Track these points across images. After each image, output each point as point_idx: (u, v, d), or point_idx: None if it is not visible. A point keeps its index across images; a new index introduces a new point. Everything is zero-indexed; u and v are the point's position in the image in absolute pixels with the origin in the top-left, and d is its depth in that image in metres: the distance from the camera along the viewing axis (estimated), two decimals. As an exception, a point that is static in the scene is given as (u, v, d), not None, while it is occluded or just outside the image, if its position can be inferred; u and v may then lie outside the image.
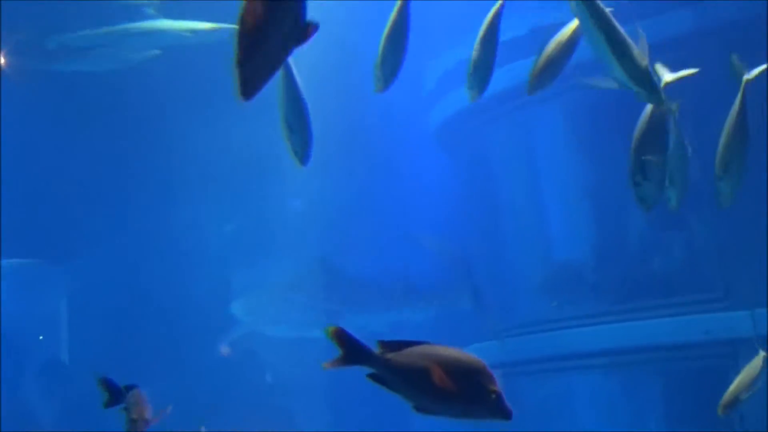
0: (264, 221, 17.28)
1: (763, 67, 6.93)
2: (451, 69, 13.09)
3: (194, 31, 13.26)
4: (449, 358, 4.14)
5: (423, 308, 16.71)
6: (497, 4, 7.17)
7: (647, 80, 5.88)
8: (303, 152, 6.87)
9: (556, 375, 12.35)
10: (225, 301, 17.51)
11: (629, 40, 5.85)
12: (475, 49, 7.28)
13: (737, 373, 9.66)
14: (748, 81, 6.91)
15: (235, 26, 3.30)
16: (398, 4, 6.88)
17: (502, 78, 10.73)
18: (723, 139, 6.87)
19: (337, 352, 4.13)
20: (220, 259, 17.95)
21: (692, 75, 6.63)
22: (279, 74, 6.56)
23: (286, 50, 3.42)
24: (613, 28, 5.80)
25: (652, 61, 6.07)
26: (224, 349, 17.75)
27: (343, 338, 4.08)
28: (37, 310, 18.20)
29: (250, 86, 3.36)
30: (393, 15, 6.93)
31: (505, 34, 12.14)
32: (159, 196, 17.05)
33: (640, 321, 11.34)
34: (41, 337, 18.29)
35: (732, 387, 8.01)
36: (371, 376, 4.14)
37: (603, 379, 12.06)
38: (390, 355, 4.12)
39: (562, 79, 7.35)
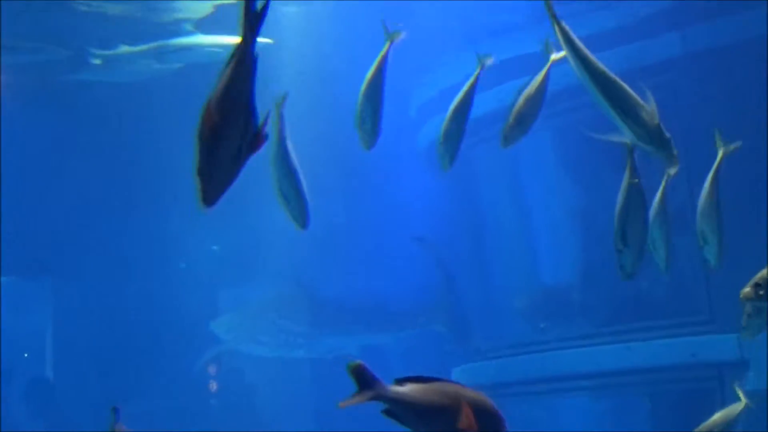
0: (249, 242, 17.31)
1: (738, 143, 7.04)
2: (442, 88, 13.13)
3: (226, 47, 13.61)
4: (464, 397, 4.12)
5: (396, 331, 16.80)
6: (471, 81, 7.34)
7: (657, 140, 5.87)
8: (301, 219, 7.12)
9: (543, 397, 12.33)
10: (209, 318, 17.53)
11: (637, 101, 5.80)
12: (445, 121, 7.47)
13: (723, 395, 9.70)
14: (726, 152, 7.03)
15: (196, 135, 3.54)
16: (374, 65, 7.05)
17: (490, 100, 10.79)
18: (700, 210, 7.03)
19: (314, 376, 4.09)
20: (206, 277, 17.96)
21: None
22: (272, 145, 6.85)
23: (243, 157, 3.65)
24: (619, 90, 5.76)
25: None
26: (204, 366, 17.79)
27: (359, 374, 4.03)
28: (24, 326, 18.15)
29: (210, 194, 3.60)
30: (369, 75, 7.13)
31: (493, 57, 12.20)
32: (147, 214, 17.04)
33: (626, 343, 11.35)
34: (26, 355, 18.23)
35: (703, 426, 7.96)
36: (386, 411, 4.08)
37: (590, 401, 12.06)
38: (405, 392, 4.10)
39: (551, 102, 7.39)
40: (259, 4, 3.64)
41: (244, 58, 3.66)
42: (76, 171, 16.24)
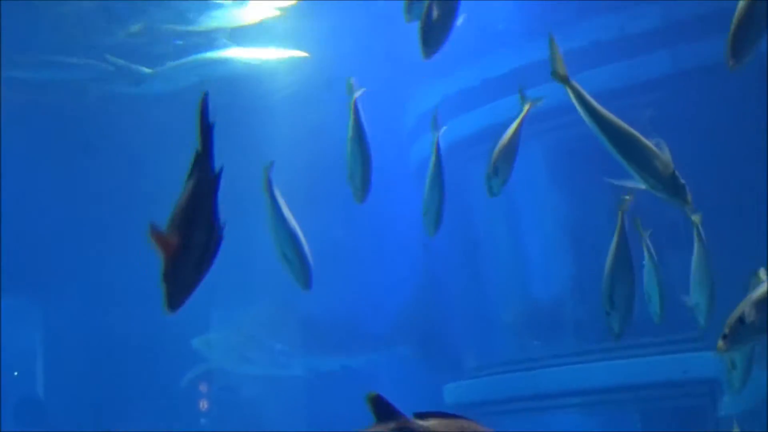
0: (238, 261, 17.30)
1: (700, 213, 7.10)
2: (432, 106, 13.10)
3: (261, 59, 13.90)
4: None
5: (374, 351, 16.84)
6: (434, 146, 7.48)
7: (671, 188, 5.91)
8: (304, 279, 7.18)
9: (535, 414, 12.31)
10: (195, 336, 17.52)
11: (651, 151, 5.83)
12: (425, 193, 7.86)
13: (714, 412, 9.68)
14: (698, 221, 7.13)
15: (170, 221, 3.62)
16: (350, 122, 7.13)
17: (481, 117, 10.83)
18: (692, 280, 7.32)
19: (294, 395, 4.08)
20: (197, 295, 17.91)
21: None
22: (268, 209, 6.97)
23: (207, 263, 3.74)
24: (633, 142, 5.79)
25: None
26: (189, 384, 17.80)
27: (377, 404, 4.04)
28: (13, 347, 18.11)
29: (176, 300, 3.70)
30: (349, 134, 7.17)
31: (485, 74, 12.25)
32: (136, 231, 16.98)
33: (618, 360, 11.34)
34: (16, 373, 18.18)
35: None
36: None
37: (582, 418, 12.04)
38: (430, 426, 4.11)
39: (541, 119, 7.43)
40: (211, 118, 3.63)
41: (205, 174, 3.66)
42: (68, 187, 16.23)
